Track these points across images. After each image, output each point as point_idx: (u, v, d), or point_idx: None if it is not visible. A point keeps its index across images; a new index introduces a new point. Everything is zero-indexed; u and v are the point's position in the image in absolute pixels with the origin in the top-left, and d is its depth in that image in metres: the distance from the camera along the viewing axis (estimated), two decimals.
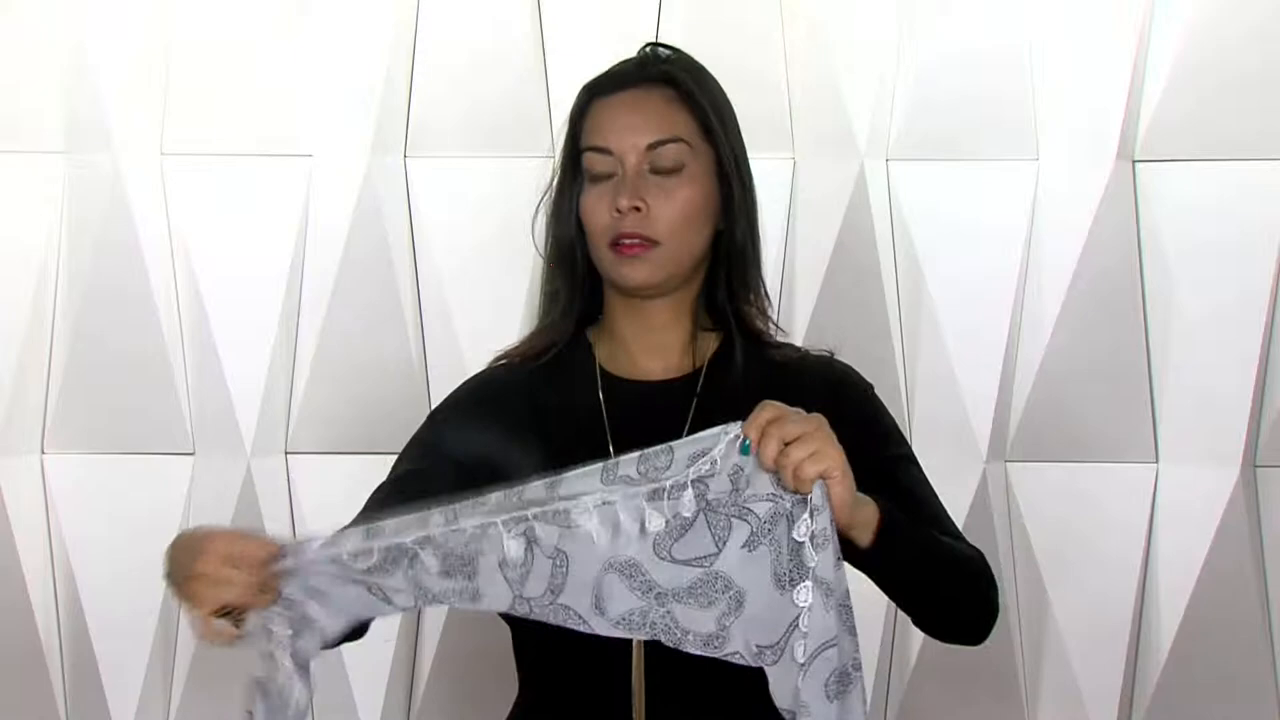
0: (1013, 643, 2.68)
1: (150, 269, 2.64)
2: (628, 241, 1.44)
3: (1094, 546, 2.68)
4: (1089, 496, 2.68)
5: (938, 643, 1.50)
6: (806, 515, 1.27)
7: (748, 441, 1.27)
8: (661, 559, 1.31)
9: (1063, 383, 2.66)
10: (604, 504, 1.29)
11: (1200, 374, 2.63)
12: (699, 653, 1.31)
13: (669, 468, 1.29)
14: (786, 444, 1.25)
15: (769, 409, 1.27)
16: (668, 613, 1.31)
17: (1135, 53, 2.60)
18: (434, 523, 1.30)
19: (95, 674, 2.68)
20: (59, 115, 2.64)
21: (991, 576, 1.46)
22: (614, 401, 1.50)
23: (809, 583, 1.27)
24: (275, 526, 2.65)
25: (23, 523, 2.65)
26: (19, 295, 2.64)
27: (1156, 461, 2.67)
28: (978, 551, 1.47)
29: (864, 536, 1.33)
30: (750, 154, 1.54)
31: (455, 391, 1.59)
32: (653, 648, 1.38)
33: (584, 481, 1.30)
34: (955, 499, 1.52)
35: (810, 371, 1.52)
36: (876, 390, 1.56)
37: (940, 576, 1.41)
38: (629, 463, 1.29)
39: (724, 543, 1.30)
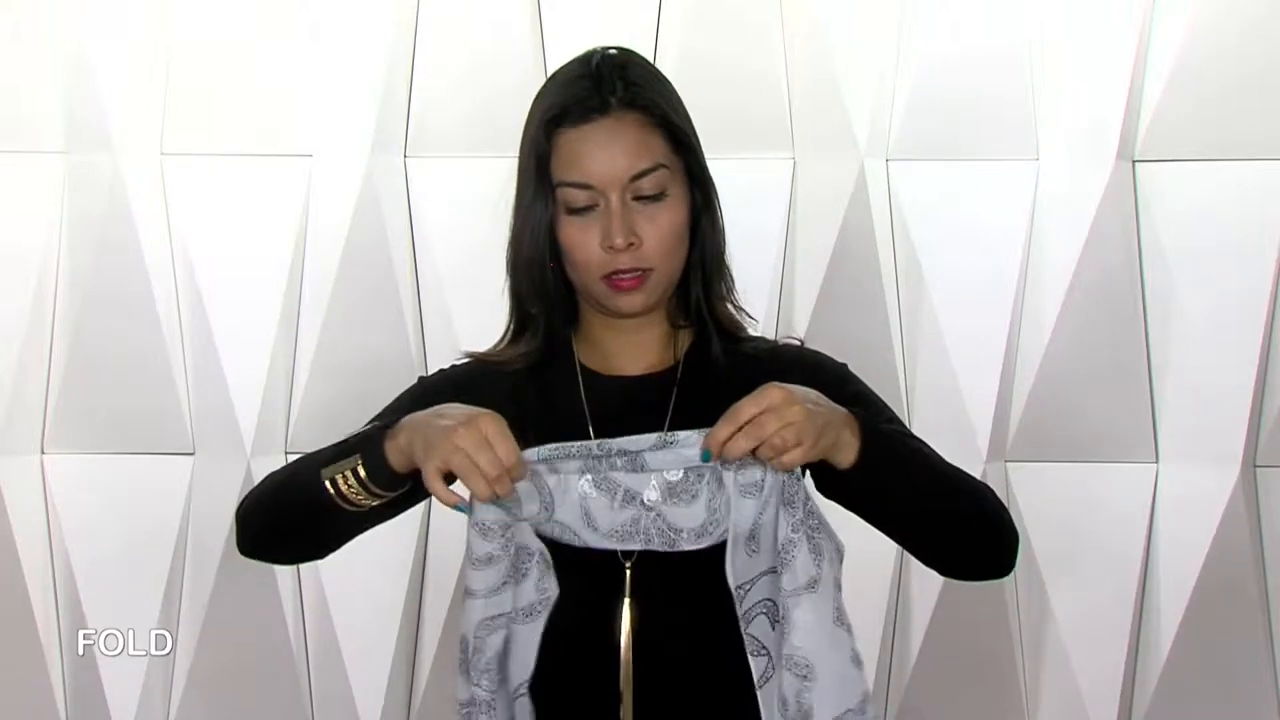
0: (1013, 643, 2.69)
1: (150, 269, 2.64)
2: (625, 277, 1.46)
3: (1094, 546, 2.68)
4: (1089, 497, 2.68)
5: (938, 642, 1.50)
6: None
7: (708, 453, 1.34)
8: (636, 472, 1.38)
9: (1063, 383, 2.66)
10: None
11: (1200, 374, 2.63)
12: (693, 547, 1.38)
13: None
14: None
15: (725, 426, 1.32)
16: (659, 516, 1.38)
17: (1135, 53, 2.60)
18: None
19: (95, 674, 2.68)
20: (59, 115, 2.64)
21: (999, 501, 1.45)
22: (595, 397, 1.52)
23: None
24: None
25: (23, 523, 2.65)
26: (19, 295, 2.65)
27: (1157, 461, 2.68)
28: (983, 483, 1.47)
29: (847, 456, 1.35)
30: (750, 154, 1.54)
31: (443, 374, 1.61)
32: (641, 649, 1.41)
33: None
34: None
35: (785, 362, 1.53)
36: (853, 369, 1.57)
37: (937, 490, 1.40)
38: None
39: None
